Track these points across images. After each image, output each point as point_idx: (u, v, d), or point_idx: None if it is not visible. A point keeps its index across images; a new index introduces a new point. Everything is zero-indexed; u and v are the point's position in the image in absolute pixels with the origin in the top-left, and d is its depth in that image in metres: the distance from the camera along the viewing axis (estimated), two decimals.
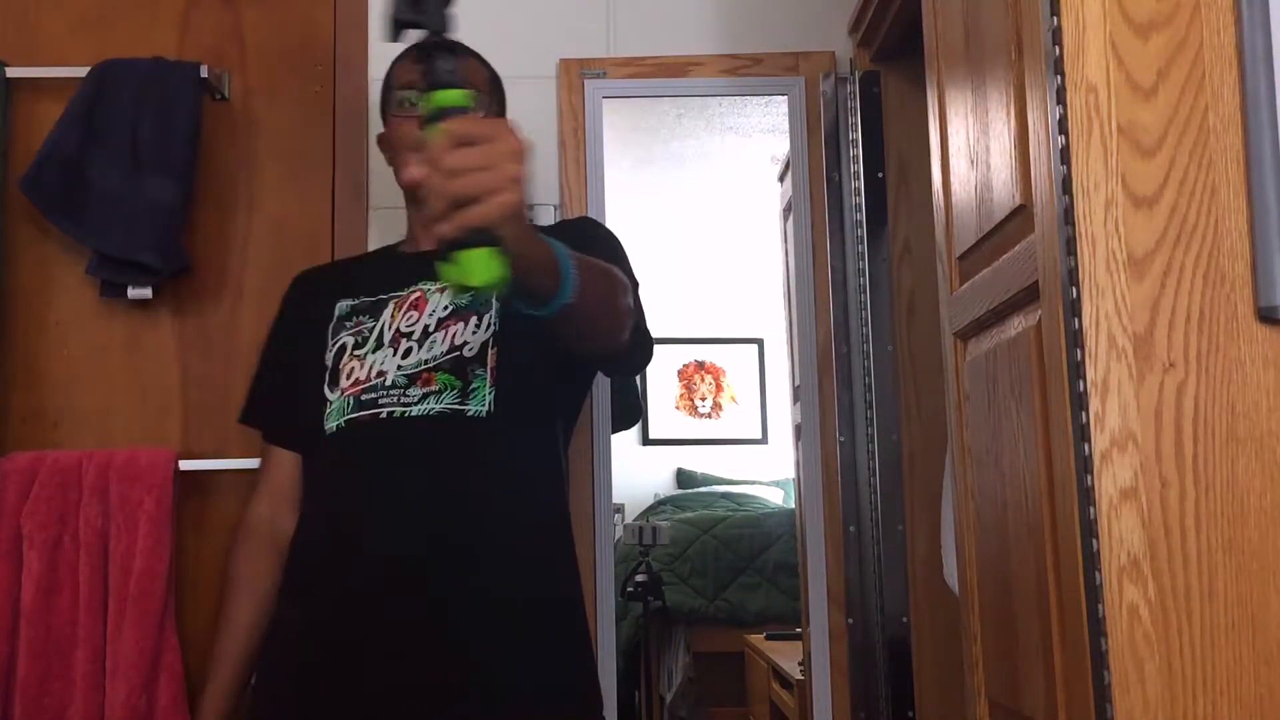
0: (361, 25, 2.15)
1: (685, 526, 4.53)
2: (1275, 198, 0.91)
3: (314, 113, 2.14)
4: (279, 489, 1.61)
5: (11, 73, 2.05)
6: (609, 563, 2.06)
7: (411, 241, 1.67)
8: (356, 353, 1.52)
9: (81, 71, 2.00)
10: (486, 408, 1.46)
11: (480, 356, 1.47)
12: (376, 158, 2.12)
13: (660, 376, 6.04)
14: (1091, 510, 0.91)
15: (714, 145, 4.21)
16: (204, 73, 2.02)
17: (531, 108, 2.13)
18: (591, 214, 2.11)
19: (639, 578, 3.93)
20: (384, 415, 1.46)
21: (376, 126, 2.11)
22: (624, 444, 5.75)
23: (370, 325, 1.54)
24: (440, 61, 1.02)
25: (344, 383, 1.51)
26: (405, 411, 1.46)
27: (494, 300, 1.47)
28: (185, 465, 1.93)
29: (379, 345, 1.51)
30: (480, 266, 0.96)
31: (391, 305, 1.54)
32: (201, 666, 1.95)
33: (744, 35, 2.20)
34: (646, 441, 5.94)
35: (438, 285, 1.52)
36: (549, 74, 2.17)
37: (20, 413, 2.03)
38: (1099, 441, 0.91)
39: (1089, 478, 0.92)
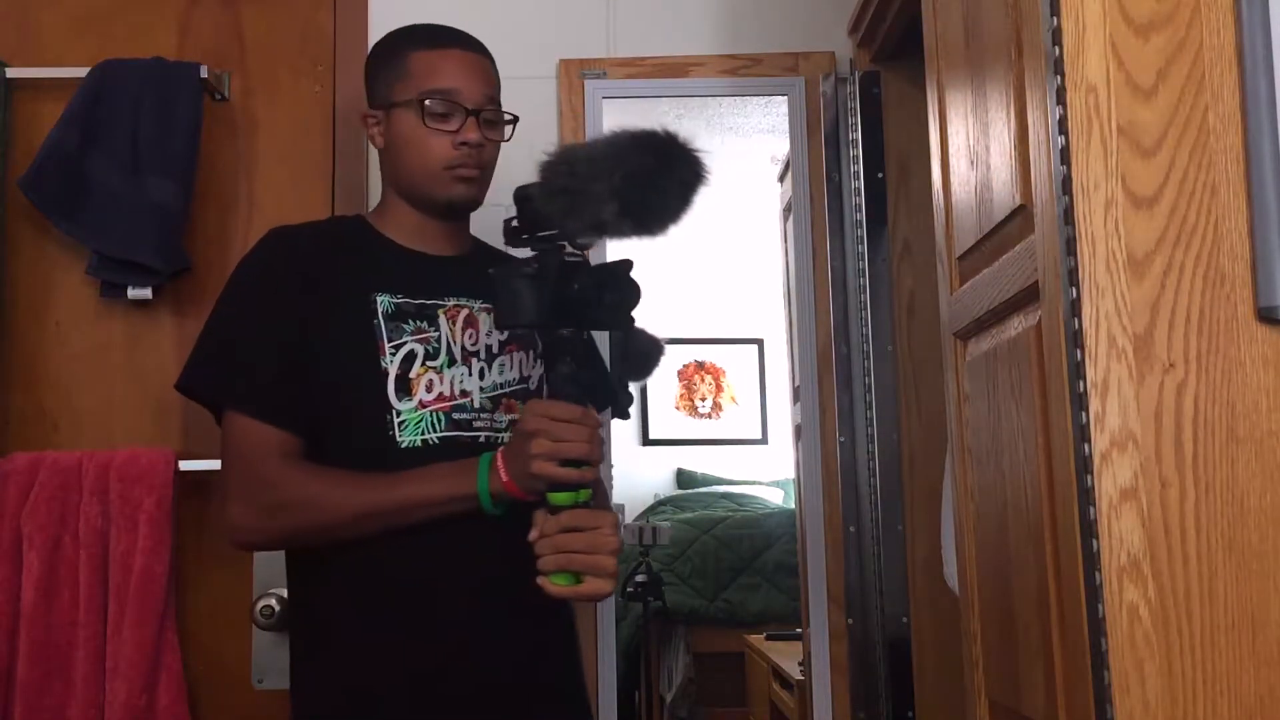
0: (361, 25, 2.14)
1: (685, 527, 4.53)
2: (1275, 198, 0.91)
3: (314, 113, 2.14)
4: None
5: (11, 73, 2.05)
6: None
7: (403, 231, 1.56)
8: (430, 364, 1.47)
9: (81, 71, 2.00)
10: None
11: (539, 390, 1.55)
12: (376, 157, 2.13)
13: (660, 376, 6.02)
14: (1091, 510, 0.91)
15: (714, 145, 4.18)
16: (204, 73, 2.02)
17: (531, 108, 2.12)
18: None
19: (639, 578, 3.93)
20: (481, 439, 1.47)
21: None
22: (624, 444, 5.74)
23: (434, 335, 1.48)
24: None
25: (422, 394, 1.45)
26: (499, 438, 1.47)
27: (535, 335, 1.55)
28: (185, 465, 1.93)
29: (452, 361, 1.48)
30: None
31: (443, 317, 1.50)
32: (202, 666, 1.96)
33: (744, 35, 2.20)
34: (646, 442, 5.94)
35: (482, 304, 1.53)
36: (549, 74, 2.17)
37: (20, 413, 2.04)
38: (1099, 441, 0.91)
39: (1089, 478, 0.92)
